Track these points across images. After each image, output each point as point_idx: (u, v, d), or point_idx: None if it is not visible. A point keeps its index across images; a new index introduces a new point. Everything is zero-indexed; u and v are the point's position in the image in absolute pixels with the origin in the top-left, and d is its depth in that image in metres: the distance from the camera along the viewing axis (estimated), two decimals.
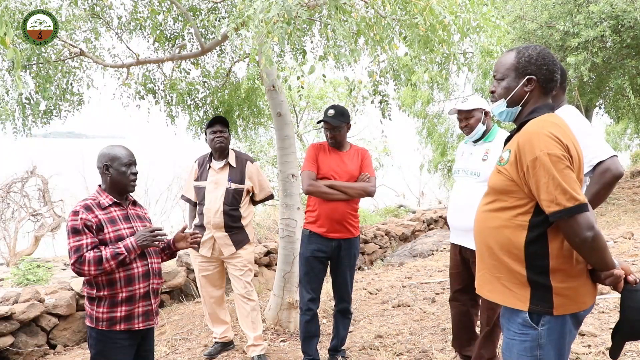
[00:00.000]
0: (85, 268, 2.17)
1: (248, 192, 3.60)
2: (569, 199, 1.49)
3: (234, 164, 3.56)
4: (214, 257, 3.57)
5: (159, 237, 2.30)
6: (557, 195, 1.50)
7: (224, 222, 3.47)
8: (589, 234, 1.49)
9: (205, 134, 3.60)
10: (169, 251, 2.54)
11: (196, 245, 2.69)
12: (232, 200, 3.49)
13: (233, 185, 3.50)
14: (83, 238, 2.19)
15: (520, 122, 1.71)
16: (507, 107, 1.73)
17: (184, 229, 2.55)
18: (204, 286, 3.66)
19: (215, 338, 3.76)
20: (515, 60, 1.70)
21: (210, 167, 3.57)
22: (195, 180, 3.62)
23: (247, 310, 3.56)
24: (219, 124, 3.55)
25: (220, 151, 3.56)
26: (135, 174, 2.37)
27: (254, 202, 3.70)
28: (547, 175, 1.51)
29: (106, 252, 2.19)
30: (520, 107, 1.72)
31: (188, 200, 3.70)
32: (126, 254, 2.22)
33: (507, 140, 1.76)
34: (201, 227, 3.53)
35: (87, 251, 2.17)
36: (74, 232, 2.20)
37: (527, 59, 1.68)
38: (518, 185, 1.60)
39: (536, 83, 1.68)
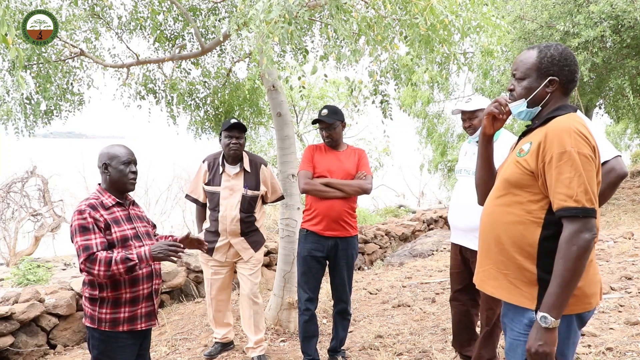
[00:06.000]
0: (96, 268, 2.09)
1: (262, 196, 3.57)
2: (589, 200, 1.49)
3: (248, 168, 3.48)
4: (227, 262, 3.54)
5: (178, 252, 2.20)
6: (579, 192, 1.49)
7: (240, 229, 3.43)
8: (588, 238, 1.49)
9: (220, 135, 3.49)
10: None
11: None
12: (248, 207, 3.44)
13: (250, 192, 3.44)
14: (92, 237, 2.13)
15: (545, 119, 1.67)
16: (527, 107, 1.71)
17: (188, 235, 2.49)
18: (212, 290, 3.61)
19: (215, 338, 3.75)
20: (537, 60, 1.67)
21: (223, 171, 3.47)
22: (206, 184, 3.51)
23: (250, 313, 3.54)
24: (236, 130, 3.41)
25: (234, 157, 3.47)
26: (134, 172, 2.34)
27: (263, 202, 3.67)
28: (573, 171, 1.50)
29: (116, 255, 2.12)
30: (540, 108, 1.70)
31: (195, 200, 3.61)
32: (137, 261, 2.13)
33: (524, 134, 1.74)
34: (215, 232, 3.47)
35: (97, 250, 2.11)
36: (83, 230, 2.13)
37: (550, 60, 1.65)
38: (534, 177, 1.59)
39: (558, 84, 1.66)
